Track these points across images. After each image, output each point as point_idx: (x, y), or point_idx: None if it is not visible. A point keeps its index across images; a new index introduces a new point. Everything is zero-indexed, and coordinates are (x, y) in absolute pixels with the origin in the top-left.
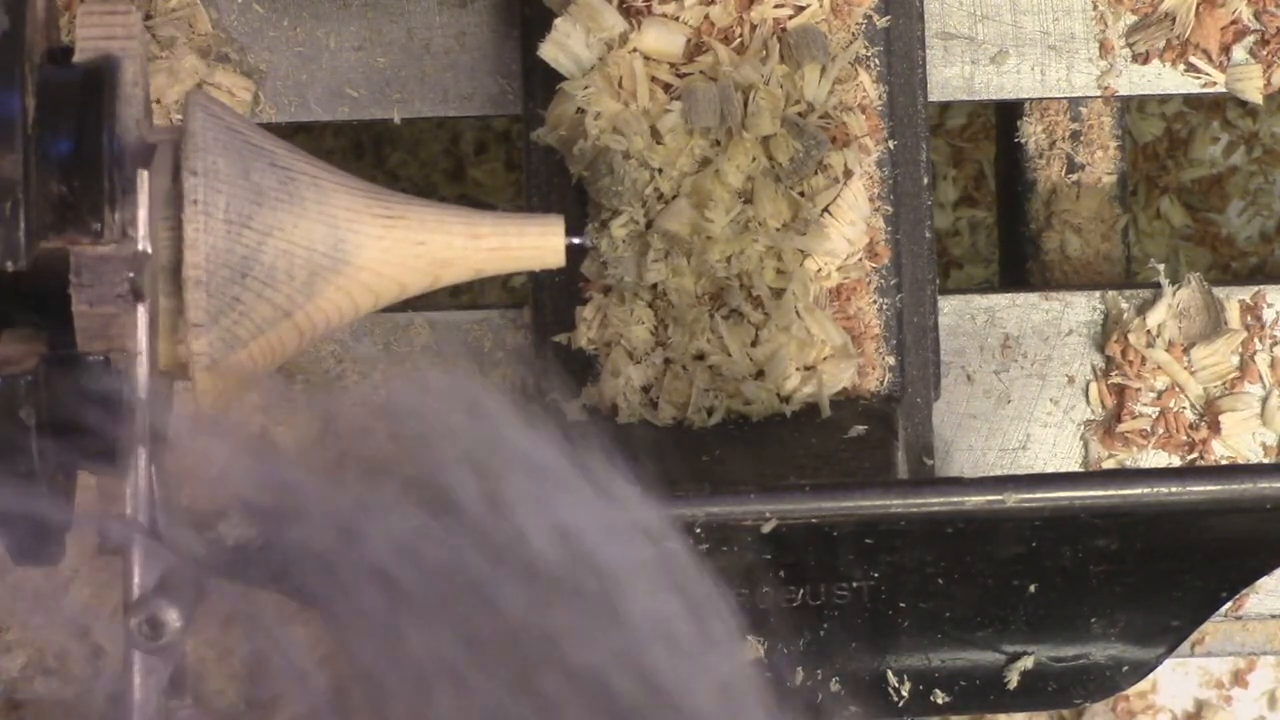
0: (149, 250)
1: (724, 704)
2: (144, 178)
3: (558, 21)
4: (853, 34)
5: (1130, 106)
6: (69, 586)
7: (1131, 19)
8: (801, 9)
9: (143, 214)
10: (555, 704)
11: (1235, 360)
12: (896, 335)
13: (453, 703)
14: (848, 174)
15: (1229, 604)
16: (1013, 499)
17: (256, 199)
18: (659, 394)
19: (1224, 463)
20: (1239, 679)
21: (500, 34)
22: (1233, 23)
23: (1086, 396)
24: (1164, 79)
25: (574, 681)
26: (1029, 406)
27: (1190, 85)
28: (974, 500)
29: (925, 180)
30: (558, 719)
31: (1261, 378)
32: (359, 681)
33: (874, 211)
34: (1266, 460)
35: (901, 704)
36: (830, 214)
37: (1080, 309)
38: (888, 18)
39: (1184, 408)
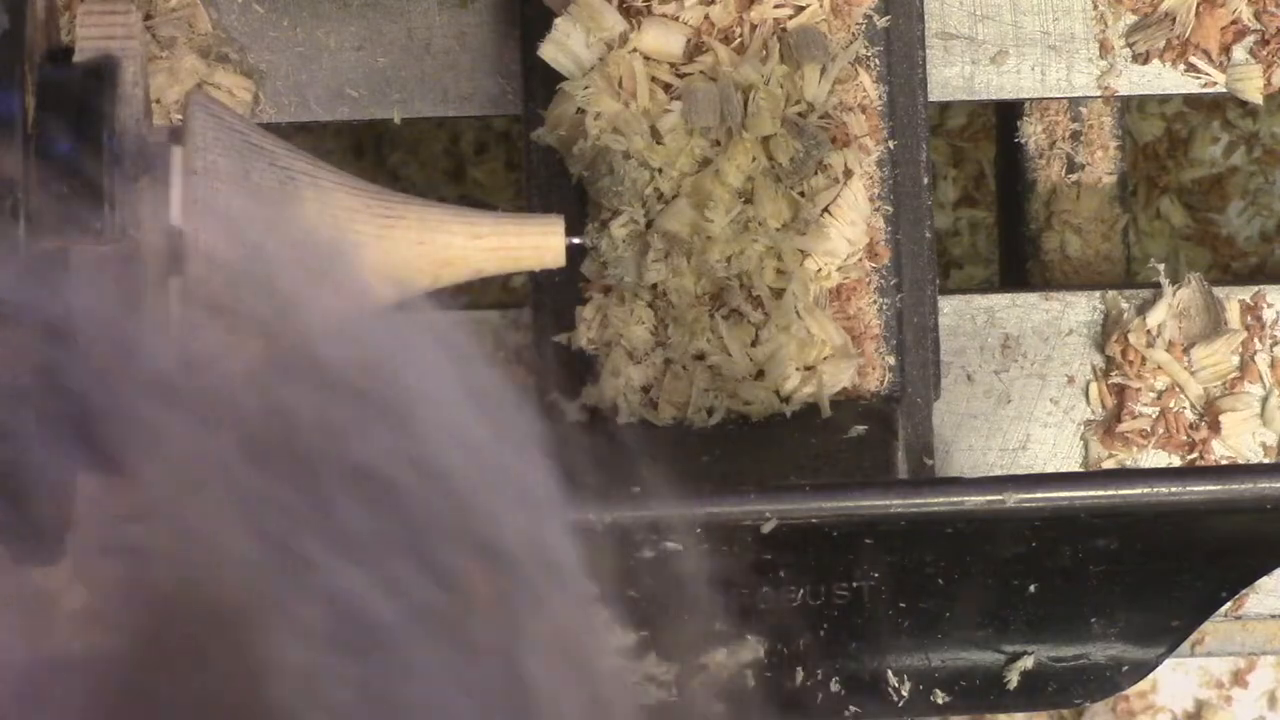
0: (181, 229)
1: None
2: (177, 155)
3: (558, 21)
4: (853, 34)
5: (1130, 106)
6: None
7: (1131, 19)
8: (801, 9)
9: (176, 193)
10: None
11: (1235, 360)
12: (896, 335)
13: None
14: (848, 174)
15: (1229, 604)
16: (1013, 499)
17: (256, 199)
18: (659, 394)
19: (1224, 463)
20: (1239, 679)
21: (500, 34)
22: (1233, 23)
23: (1086, 396)
24: (1164, 79)
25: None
26: (1029, 406)
27: (1190, 85)
28: (974, 500)
29: (925, 180)
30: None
31: (1261, 378)
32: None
33: (874, 211)
34: (1266, 460)
35: (901, 704)
36: (830, 214)
37: (1080, 309)
38: (888, 18)
39: (1184, 408)
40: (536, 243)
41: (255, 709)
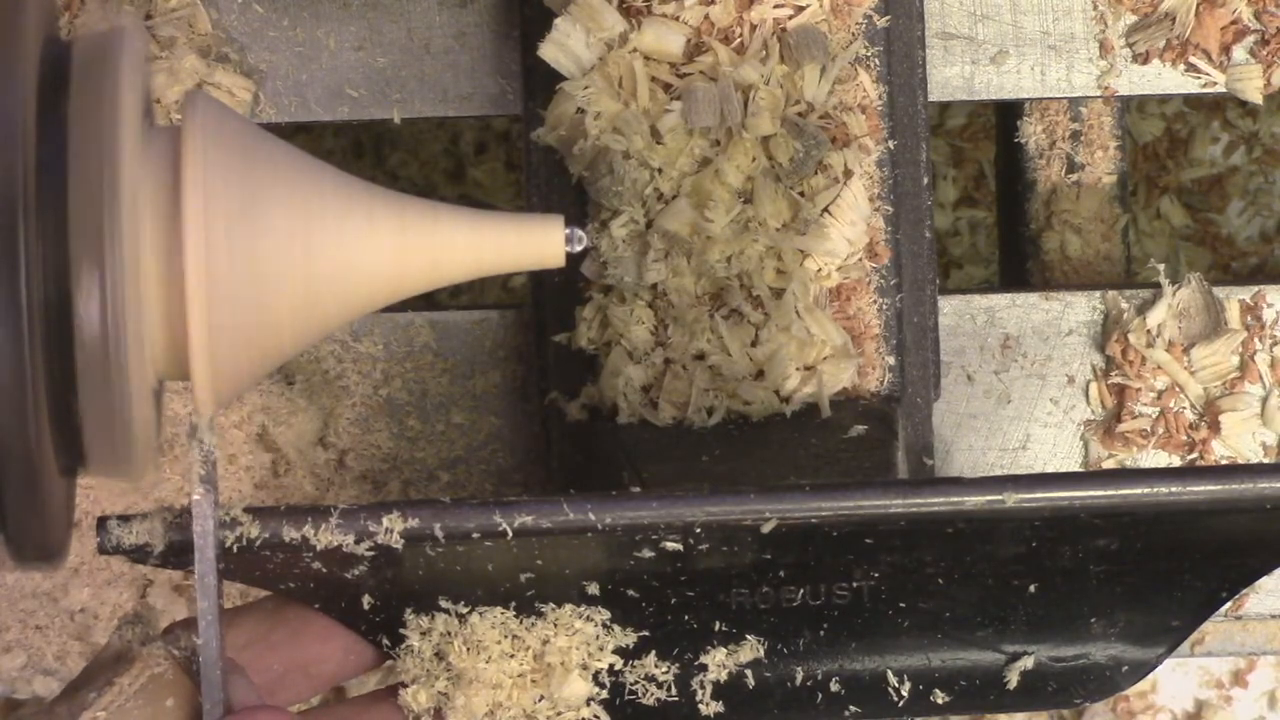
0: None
1: None
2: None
3: (558, 21)
4: (853, 34)
5: (1130, 106)
6: (68, 586)
7: (1131, 19)
8: (801, 9)
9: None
10: None
11: (1235, 360)
12: (896, 335)
13: None
14: (848, 174)
15: (1229, 604)
16: (1013, 499)
17: (255, 199)
18: (659, 394)
19: (1224, 463)
20: (1239, 679)
21: (500, 34)
22: (1233, 23)
23: (1086, 396)
24: (1164, 79)
25: None
26: (1029, 406)
27: (1190, 85)
28: (974, 500)
29: (925, 180)
30: None
31: (1261, 378)
32: None
33: (874, 211)
34: (1266, 460)
35: (901, 704)
36: (830, 214)
37: (1080, 309)
38: (888, 18)
39: (1184, 408)
40: (536, 243)
41: None
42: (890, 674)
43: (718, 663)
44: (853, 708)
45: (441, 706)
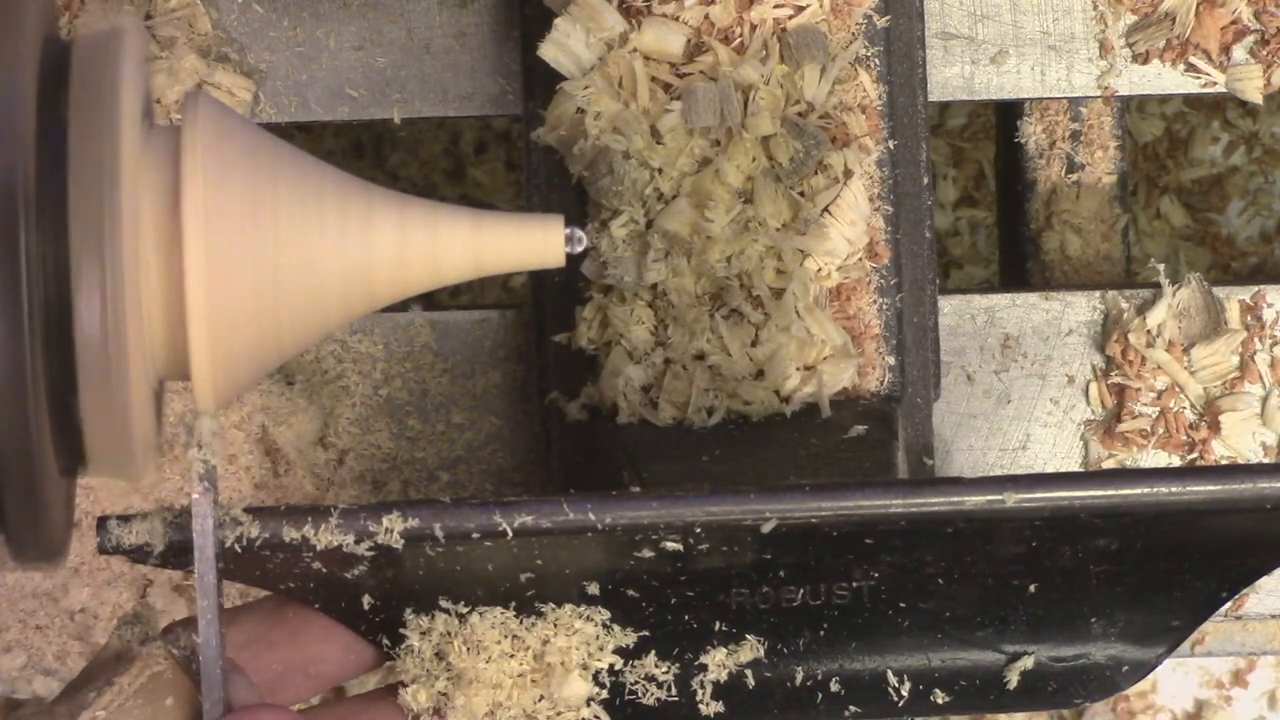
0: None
1: None
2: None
3: (558, 21)
4: (853, 34)
5: (1130, 106)
6: (68, 586)
7: (1131, 19)
8: (801, 9)
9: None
10: None
11: (1235, 360)
12: (896, 335)
13: None
14: (848, 174)
15: (1229, 604)
16: (1013, 499)
17: (255, 199)
18: (659, 394)
19: (1224, 463)
20: (1239, 679)
21: (500, 34)
22: (1233, 23)
23: (1086, 396)
24: (1164, 79)
25: None
26: (1029, 406)
27: (1190, 85)
28: (974, 500)
29: (925, 180)
30: None
31: (1261, 378)
32: None
33: (874, 211)
34: (1266, 460)
35: (901, 704)
36: (830, 214)
37: (1080, 309)
38: (888, 18)
39: (1184, 408)
40: (536, 243)
41: None
42: (890, 674)
43: (718, 663)
44: (853, 708)
45: (441, 706)
